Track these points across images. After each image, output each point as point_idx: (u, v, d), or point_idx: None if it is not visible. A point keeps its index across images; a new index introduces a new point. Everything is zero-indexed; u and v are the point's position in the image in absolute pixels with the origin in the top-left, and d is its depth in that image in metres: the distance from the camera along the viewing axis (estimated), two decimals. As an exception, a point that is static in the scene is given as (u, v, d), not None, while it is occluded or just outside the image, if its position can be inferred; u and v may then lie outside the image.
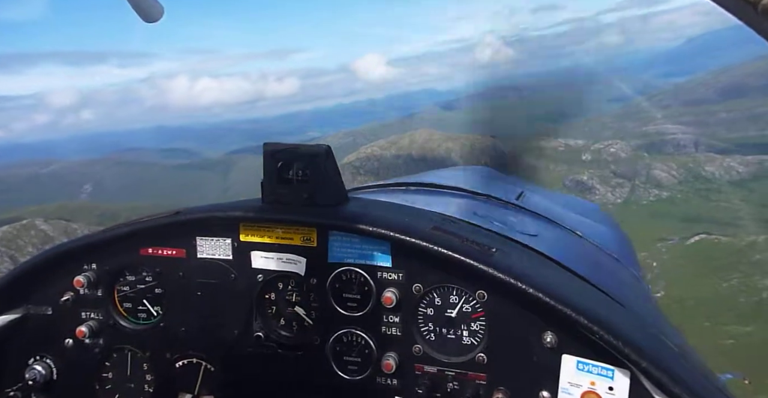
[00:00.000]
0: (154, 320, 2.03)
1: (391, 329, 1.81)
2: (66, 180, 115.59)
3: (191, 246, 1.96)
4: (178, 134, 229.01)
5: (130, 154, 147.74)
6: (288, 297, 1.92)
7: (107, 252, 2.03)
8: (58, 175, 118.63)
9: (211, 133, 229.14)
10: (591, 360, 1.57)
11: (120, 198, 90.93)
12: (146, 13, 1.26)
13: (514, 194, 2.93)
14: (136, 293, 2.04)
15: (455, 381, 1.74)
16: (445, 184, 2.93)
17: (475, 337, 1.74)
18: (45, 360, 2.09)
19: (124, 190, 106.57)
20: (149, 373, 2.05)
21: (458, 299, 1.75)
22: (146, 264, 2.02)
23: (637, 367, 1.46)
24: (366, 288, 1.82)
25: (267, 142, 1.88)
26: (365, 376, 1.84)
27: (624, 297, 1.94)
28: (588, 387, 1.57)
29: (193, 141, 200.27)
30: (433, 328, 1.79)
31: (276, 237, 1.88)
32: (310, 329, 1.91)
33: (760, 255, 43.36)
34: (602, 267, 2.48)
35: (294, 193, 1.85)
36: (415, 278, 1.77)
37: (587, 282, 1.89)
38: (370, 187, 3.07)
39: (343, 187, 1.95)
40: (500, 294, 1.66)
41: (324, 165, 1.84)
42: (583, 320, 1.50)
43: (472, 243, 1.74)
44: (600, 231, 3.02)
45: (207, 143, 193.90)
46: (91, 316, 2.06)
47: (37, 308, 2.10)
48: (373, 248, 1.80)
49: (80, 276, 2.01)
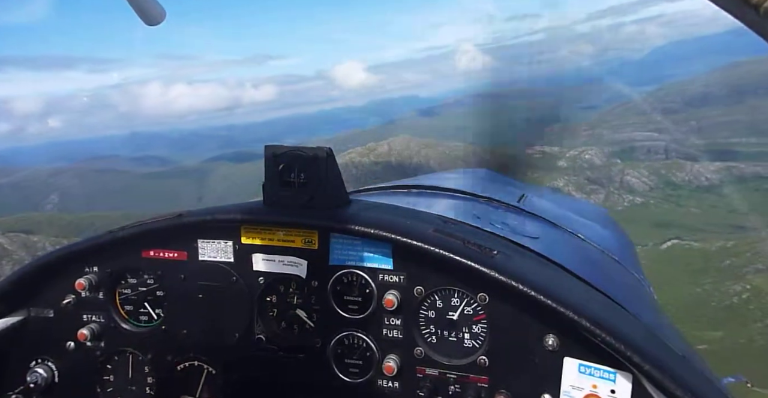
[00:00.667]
0: (156, 323, 2.03)
1: (393, 331, 1.80)
2: (30, 189, 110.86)
3: (193, 248, 1.95)
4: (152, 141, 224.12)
5: (101, 162, 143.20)
6: (289, 299, 1.91)
7: (109, 254, 2.01)
8: (22, 184, 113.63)
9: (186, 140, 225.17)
10: (593, 363, 1.56)
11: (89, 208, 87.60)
12: (148, 16, 1.26)
13: (515, 196, 2.92)
14: (137, 296, 2.03)
15: (457, 383, 1.73)
16: (446, 186, 2.91)
17: (477, 340, 1.73)
18: (46, 363, 2.08)
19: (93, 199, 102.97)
20: (151, 376, 2.03)
21: (460, 301, 1.74)
22: (148, 267, 2.01)
23: (640, 370, 1.45)
24: (367, 291, 1.81)
25: (268, 144, 1.86)
26: (366, 379, 1.83)
27: (626, 300, 1.92)
28: (590, 390, 1.56)
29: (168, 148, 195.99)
30: (434, 331, 1.78)
31: (277, 240, 1.88)
32: (312, 332, 1.90)
33: (730, 260, 44.50)
34: (604, 270, 2.46)
35: (295, 195, 1.84)
36: (417, 280, 1.76)
37: (589, 285, 1.88)
38: (371, 189, 3.06)
39: (345, 190, 1.93)
40: (502, 297, 1.65)
41: (325, 167, 1.82)
42: (585, 323, 1.49)
43: (474, 245, 1.72)
44: (602, 234, 3.00)
45: (182, 150, 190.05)
46: (92, 319, 2.06)
47: (38, 311, 2.09)
48: (374, 250, 1.79)
49: (82, 278, 2.00)
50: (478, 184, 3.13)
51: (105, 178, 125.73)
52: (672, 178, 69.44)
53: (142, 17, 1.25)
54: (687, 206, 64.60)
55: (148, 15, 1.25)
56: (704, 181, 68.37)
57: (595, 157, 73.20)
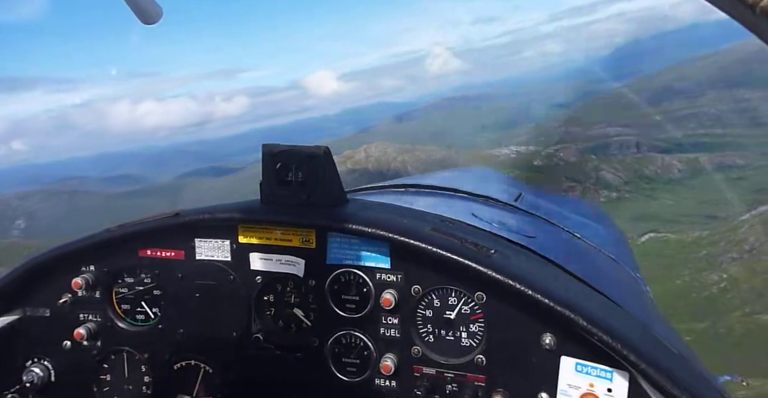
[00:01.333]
0: (153, 322, 2.02)
1: (390, 331, 1.80)
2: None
3: (190, 247, 1.94)
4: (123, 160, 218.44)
5: (70, 184, 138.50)
6: (287, 298, 1.91)
7: (106, 253, 2.00)
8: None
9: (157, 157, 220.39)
10: (590, 361, 1.57)
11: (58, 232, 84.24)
12: (145, 15, 1.23)
13: (512, 195, 2.91)
14: (134, 295, 2.02)
15: (454, 382, 1.73)
16: (443, 185, 2.89)
17: (474, 339, 1.73)
18: (43, 362, 2.07)
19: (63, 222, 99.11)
20: (147, 375, 2.02)
21: (457, 301, 1.74)
22: (145, 266, 2.00)
23: (636, 369, 1.46)
24: (365, 290, 1.81)
25: (266, 143, 1.85)
26: (364, 378, 1.82)
27: (622, 299, 1.92)
28: (587, 388, 1.57)
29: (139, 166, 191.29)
30: (431, 330, 1.78)
31: (275, 239, 1.87)
32: (309, 331, 1.90)
33: (706, 251, 45.26)
34: (601, 269, 2.46)
35: (293, 194, 1.84)
36: (414, 280, 1.76)
37: (586, 284, 1.88)
38: (368, 188, 3.05)
39: (342, 189, 1.92)
40: (499, 296, 1.66)
41: (323, 166, 1.82)
42: (582, 321, 1.50)
43: (471, 244, 1.73)
44: (598, 232, 2.99)
45: (153, 168, 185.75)
46: (89, 318, 2.04)
47: (35, 310, 2.07)
48: (371, 249, 1.79)
49: (78, 277, 1.99)
50: (476, 183, 3.11)
51: (74, 200, 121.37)
52: (645, 172, 70.78)
53: (139, 16, 1.22)
54: (661, 198, 65.85)
55: (145, 13, 1.22)
56: (676, 173, 69.91)
57: (570, 155, 74.17)
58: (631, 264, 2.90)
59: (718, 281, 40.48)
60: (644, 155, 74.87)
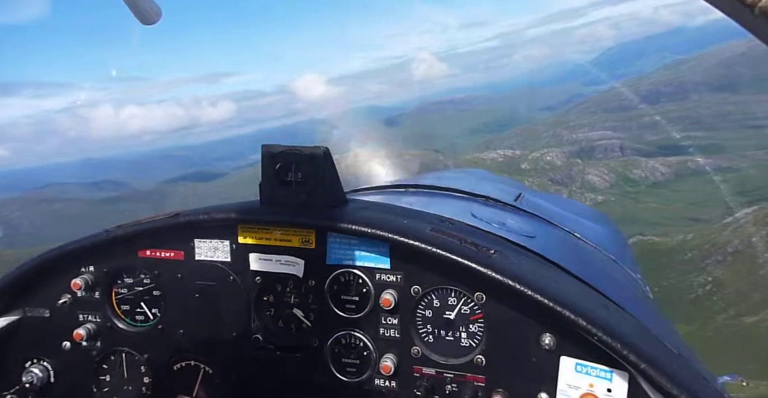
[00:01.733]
0: (152, 322, 2.01)
1: (390, 331, 1.80)
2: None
3: (189, 248, 1.94)
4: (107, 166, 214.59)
5: (51, 190, 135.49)
6: (286, 299, 1.91)
7: (105, 254, 2.00)
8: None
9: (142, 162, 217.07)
10: (589, 362, 1.57)
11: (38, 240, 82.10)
12: (143, 15, 1.23)
13: (512, 196, 2.90)
14: (134, 295, 2.02)
15: (454, 383, 1.74)
16: (443, 185, 2.88)
17: (474, 339, 1.73)
18: (42, 363, 2.06)
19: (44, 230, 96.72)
20: (147, 376, 2.02)
21: (456, 301, 1.74)
22: (144, 266, 1.99)
23: (636, 369, 1.46)
24: (364, 290, 1.81)
25: (265, 144, 1.85)
26: (364, 378, 1.83)
27: (622, 299, 1.92)
28: (586, 389, 1.57)
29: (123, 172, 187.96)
30: (431, 330, 1.78)
31: (274, 239, 1.87)
32: (309, 331, 1.90)
33: (691, 253, 45.59)
34: (600, 269, 2.45)
35: (292, 194, 1.84)
36: (414, 280, 1.76)
37: (586, 284, 1.88)
38: (368, 188, 3.02)
39: (342, 189, 1.93)
40: (498, 296, 1.66)
41: (322, 166, 1.82)
42: (582, 322, 1.50)
43: (471, 244, 1.73)
44: (598, 233, 2.96)
45: (138, 173, 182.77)
46: (88, 319, 2.04)
47: (34, 310, 2.07)
48: (371, 250, 1.79)
49: (78, 278, 1.98)
50: (475, 183, 3.08)
51: (55, 206, 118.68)
52: (629, 175, 71.44)
53: (138, 16, 1.21)
54: (646, 202, 66.45)
55: (144, 14, 1.22)
56: (660, 176, 70.66)
57: (556, 158, 74.57)
58: (630, 264, 2.89)
59: (704, 283, 40.77)
60: (629, 158, 75.60)
